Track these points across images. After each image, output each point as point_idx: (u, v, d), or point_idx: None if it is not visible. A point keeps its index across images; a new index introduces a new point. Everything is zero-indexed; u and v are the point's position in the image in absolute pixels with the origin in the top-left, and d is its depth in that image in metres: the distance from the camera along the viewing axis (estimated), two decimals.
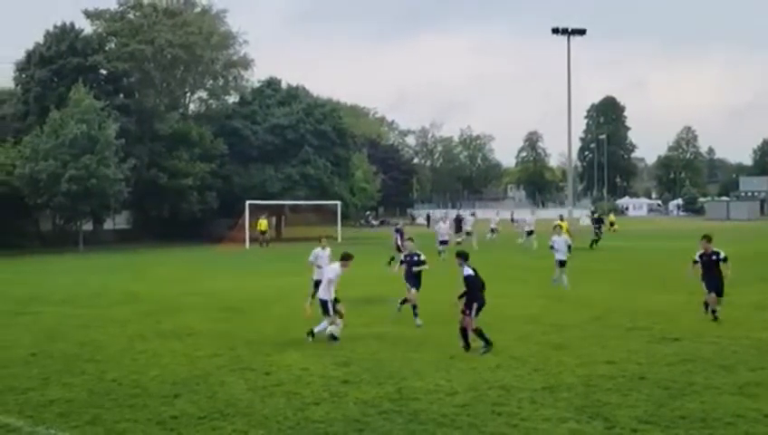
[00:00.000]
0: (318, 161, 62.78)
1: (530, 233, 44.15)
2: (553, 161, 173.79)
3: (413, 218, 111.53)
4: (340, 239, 56.63)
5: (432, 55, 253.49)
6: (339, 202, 60.13)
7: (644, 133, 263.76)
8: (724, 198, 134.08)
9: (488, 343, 13.77)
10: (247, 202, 54.67)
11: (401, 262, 18.30)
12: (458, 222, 47.13)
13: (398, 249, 34.75)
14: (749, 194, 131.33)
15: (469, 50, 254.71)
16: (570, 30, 70.87)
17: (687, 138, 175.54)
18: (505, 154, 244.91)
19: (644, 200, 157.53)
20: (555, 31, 70.89)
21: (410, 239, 19.11)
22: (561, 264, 24.12)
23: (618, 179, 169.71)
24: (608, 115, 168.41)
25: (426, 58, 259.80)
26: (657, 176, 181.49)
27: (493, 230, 51.21)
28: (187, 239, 56.35)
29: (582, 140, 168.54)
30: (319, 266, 18.00)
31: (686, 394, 10.54)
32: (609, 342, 14.47)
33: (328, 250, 18.76)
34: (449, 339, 14.93)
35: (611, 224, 66.62)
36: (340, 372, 12.25)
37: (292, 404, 10.39)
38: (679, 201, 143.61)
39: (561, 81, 72.49)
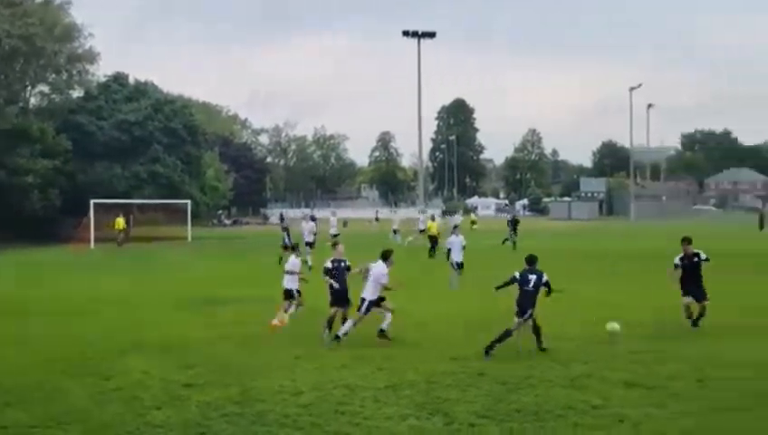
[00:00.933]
0: (167, 159, 61.21)
1: (421, 231, 43.00)
2: (405, 161, 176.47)
3: (266, 218, 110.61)
4: (190, 239, 55.52)
5: (287, 55, 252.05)
6: (189, 201, 58.83)
7: (493, 135, 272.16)
8: (566, 199, 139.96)
9: (338, 337, 14.29)
10: (92, 201, 52.61)
11: (327, 269, 15.59)
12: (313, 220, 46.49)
13: (285, 248, 33.53)
14: (589, 195, 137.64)
15: (324, 50, 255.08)
16: (420, 33, 72.24)
17: (533, 140, 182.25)
18: (359, 154, 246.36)
19: (492, 200, 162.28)
20: (406, 33, 72.14)
21: (336, 242, 17.18)
22: (459, 265, 23.97)
23: (467, 179, 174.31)
24: (458, 117, 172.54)
25: (281, 57, 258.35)
26: (505, 176, 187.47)
27: (395, 231, 50.07)
28: (30, 239, 53.61)
29: (433, 140, 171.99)
30: (290, 273, 17.10)
31: (522, 388, 10.94)
32: (453, 340, 14.82)
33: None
34: (296, 339, 14.93)
35: (472, 223, 68.01)
36: (182, 375, 11.99)
37: (131, 409, 10.09)
38: (525, 201, 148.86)
39: (414, 82, 73.76)
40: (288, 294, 17.01)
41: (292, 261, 17.23)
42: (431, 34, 72.54)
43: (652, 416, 9.56)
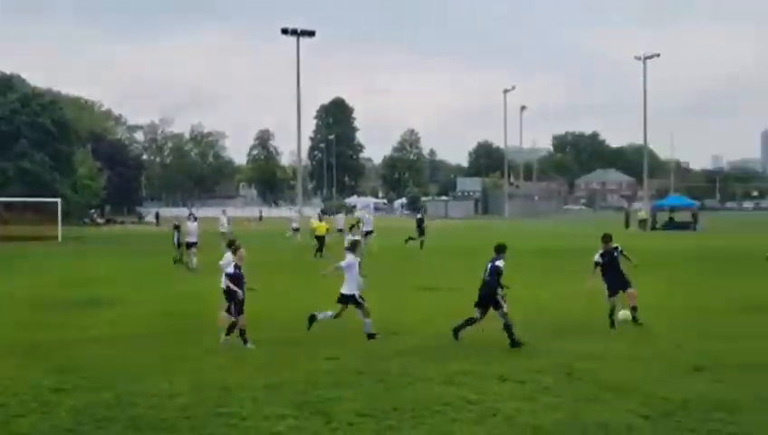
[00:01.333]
0: (36, 156, 58.90)
1: (368, 233, 40.59)
2: (285, 160, 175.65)
3: (140, 217, 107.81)
4: (60, 239, 53.54)
5: (165, 50, 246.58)
6: (59, 200, 56.70)
7: (372, 134, 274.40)
8: (444, 198, 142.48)
9: (246, 341, 13.98)
10: None
11: (230, 275, 14.24)
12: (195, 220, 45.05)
13: (178, 246, 34.40)
14: (465, 194, 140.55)
15: (203, 47, 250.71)
16: (299, 31, 72.00)
17: (411, 139, 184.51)
18: (237, 152, 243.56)
19: (371, 199, 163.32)
20: (285, 31, 71.75)
21: (234, 246, 15.02)
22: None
23: (346, 179, 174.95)
24: (337, 116, 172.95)
25: (159, 53, 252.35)
26: (383, 176, 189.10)
27: (296, 230, 48.71)
28: None
29: (312, 139, 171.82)
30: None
31: (401, 386, 11.11)
32: (332, 339, 14.88)
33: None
34: (173, 339, 14.71)
35: (358, 222, 67.85)
36: (52, 379, 11.57)
37: None
38: (403, 200, 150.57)
39: (293, 81, 73.52)
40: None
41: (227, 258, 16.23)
42: (311, 33, 72.45)
43: (523, 410, 9.88)
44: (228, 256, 15.59)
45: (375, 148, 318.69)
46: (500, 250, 14.89)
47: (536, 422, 9.36)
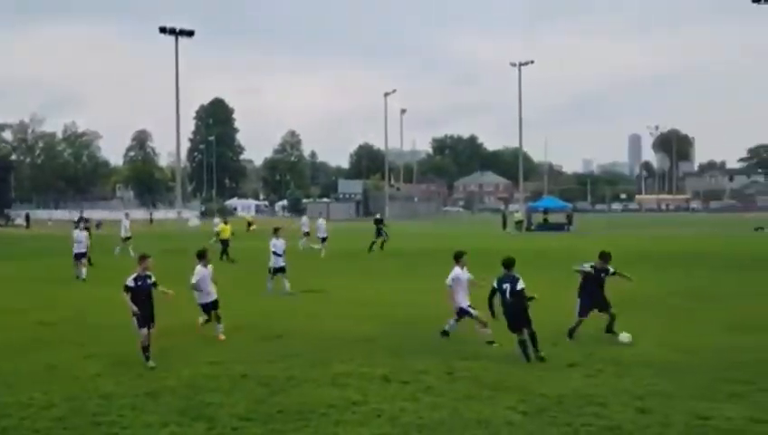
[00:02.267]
0: None
1: (324, 239, 39.04)
2: (163, 161, 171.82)
3: (8, 220, 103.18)
4: None
5: (36, 47, 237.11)
6: None
7: (253, 135, 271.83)
8: (325, 200, 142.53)
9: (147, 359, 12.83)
10: None
11: (128, 288, 12.88)
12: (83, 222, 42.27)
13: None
14: (347, 196, 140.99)
15: (77, 44, 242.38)
16: (178, 30, 70.67)
17: (292, 141, 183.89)
18: (113, 153, 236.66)
19: (252, 201, 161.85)
20: (163, 30, 70.31)
21: (145, 257, 13.49)
22: (281, 270, 22.67)
23: (227, 180, 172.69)
24: (217, 116, 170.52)
25: (29, 50, 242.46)
26: (264, 177, 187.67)
27: (306, 234, 45.31)
28: None
29: (192, 140, 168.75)
30: (199, 290, 15.08)
31: (285, 389, 11.10)
32: (214, 342, 14.72)
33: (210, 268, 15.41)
34: (47, 348, 14.24)
35: (249, 224, 66.87)
36: None
37: None
38: (285, 202, 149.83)
39: (172, 81, 71.98)
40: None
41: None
42: (189, 33, 71.15)
43: (407, 409, 10.04)
44: (199, 268, 15.04)
45: (256, 149, 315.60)
46: (509, 265, 13.72)
47: (419, 421, 9.53)
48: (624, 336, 14.50)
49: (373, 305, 19.92)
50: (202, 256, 15.28)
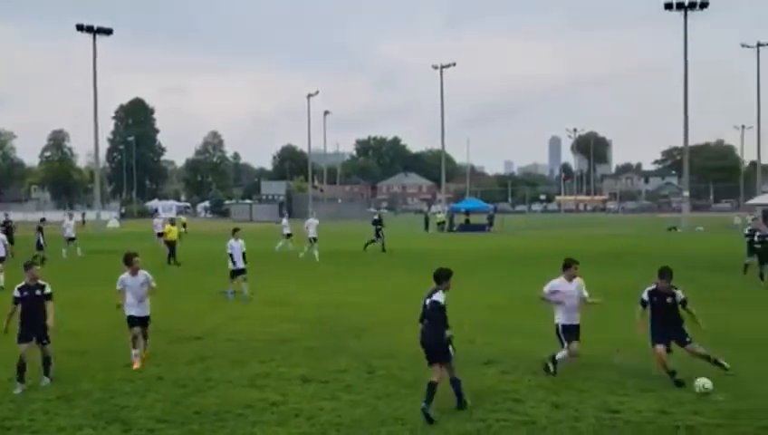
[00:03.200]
0: None
1: (314, 240, 37.06)
2: (81, 162, 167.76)
3: None
4: None
5: None
6: None
7: (173, 136, 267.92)
8: (248, 201, 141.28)
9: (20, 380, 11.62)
10: None
11: (16, 299, 11.57)
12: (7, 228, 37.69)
13: (40, 248, 34.97)
14: (269, 197, 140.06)
15: None
16: (95, 28, 69.33)
17: (214, 142, 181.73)
18: (28, 153, 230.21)
19: (173, 202, 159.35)
20: (80, 28, 68.91)
21: (35, 263, 13.01)
22: (240, 272, 21.55)
23: (147, 181, 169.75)
24: (137, 117, 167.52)
25: None
26: (186, 178, 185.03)
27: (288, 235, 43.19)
28: None
29: (111, 141, 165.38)
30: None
31: (202, 390, 11.03)
32: (127, 345, 14.45)
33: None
34: None
35: (183, 225, 65.59)
36: None
37: None
38: (207, 203, 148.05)
39: (89, 80, 70.65)
40: None
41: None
42: (108, 31, 69.89)
43: (326, 408, 10.09)
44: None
45: (177, 150, 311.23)
46: (441, 278, 11.04)
47: (338, 420, 9.59)
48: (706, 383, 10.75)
49: (295, 306, 19.90)
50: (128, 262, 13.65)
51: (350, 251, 40.50)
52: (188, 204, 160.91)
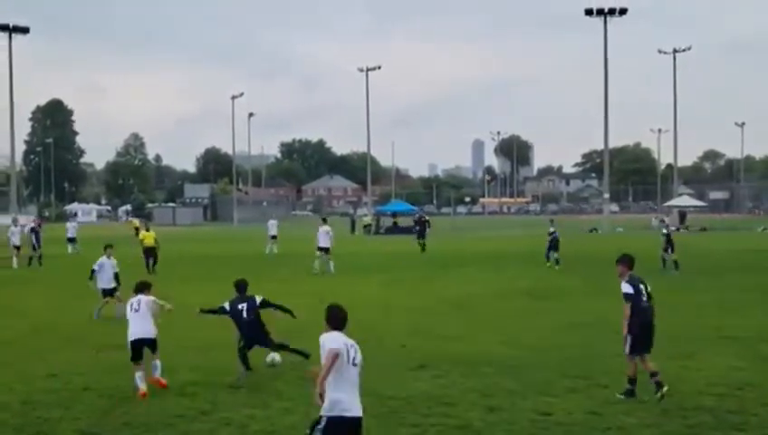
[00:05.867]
0: None
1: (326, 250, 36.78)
2: None
3: None
4: None
5: None
6: None
7: (93, 138, 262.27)
8: (171, 204, 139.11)
9: None
10: None
11: None
12: None
13: (34, 248, 35.47)
14: (193, 200, 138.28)
15: None
16: (11, 27, 67.52)
17: (136, 144, 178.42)
18: None
19: (93, 206, 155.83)
20: None
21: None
22: (112, 292, 19.46)
23: (66, 184, 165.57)
24: (55, 118, 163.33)
25: None
26: (107, 181, 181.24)
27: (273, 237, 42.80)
28: None
29: (28, 143, 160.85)
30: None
31: (131, 400, 10.75)
32: (48, 355, 14.04)
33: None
34: None
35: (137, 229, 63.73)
36: None
37: None
38: (128, 207, 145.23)
39: (4, 79, 68.66)
40: None
41: None
42: (24, 30, 67.95)
43: (257, 416, 9.94)
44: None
45: (97, 152, 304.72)
46: (240, 287, 13.13)
47: (270, 428, 9.47)
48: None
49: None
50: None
51: (287, 253, 40.19)
52: (109, 207, 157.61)
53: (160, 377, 11.50)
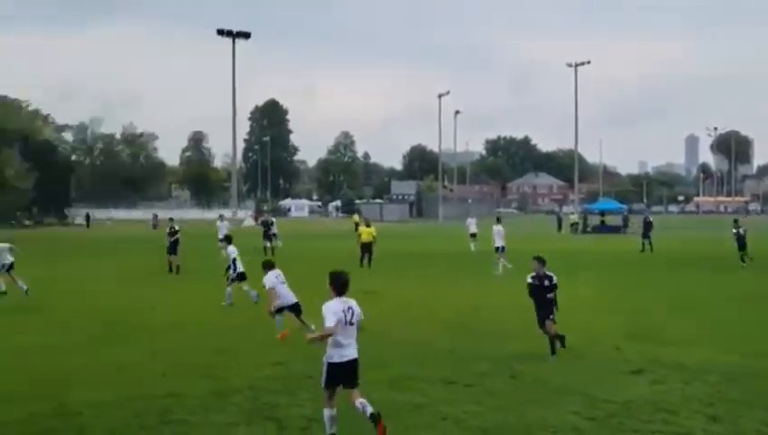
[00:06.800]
0: None
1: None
2: (218, 162, 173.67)
3: (69, 219, 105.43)
4: None
5: (96, 49, 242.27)
6: None
7: (306, 136, 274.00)
8: (378, 201, 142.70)
9: None
10: None
11: None
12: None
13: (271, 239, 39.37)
14: (399, 197, 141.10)
15: (135, 47, 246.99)
16: (235, 32, 71.53)
17: (346, 142, 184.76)
18: (170, 153, 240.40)
19: (305, 202, 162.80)
20: (220, 32, 71.30)
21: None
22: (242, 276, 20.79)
23: (281, 181, 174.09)
24: (271, 118, 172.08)
25: (89, 52, 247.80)
26: (318, 178, 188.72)
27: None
28: None
29: (247, 141, 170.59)
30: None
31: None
32: (276, 343, 14.81)
33: None
34: (112, 348, 14.53)
35: (357, 225, 66.73)
36: None
37: None
38: (338, 203, 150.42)
39: (227, 82, 73.06)
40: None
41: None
42: (246, 35, 72.00)
43: (471, 412, 10.03)
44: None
45: (309, 150, 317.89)
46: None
47: (484, 425, 9.52)
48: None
49: (431, 308, 19.91)
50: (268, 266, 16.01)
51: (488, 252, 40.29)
52: (320, 203, 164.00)
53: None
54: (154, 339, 15.48)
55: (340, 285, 8.92)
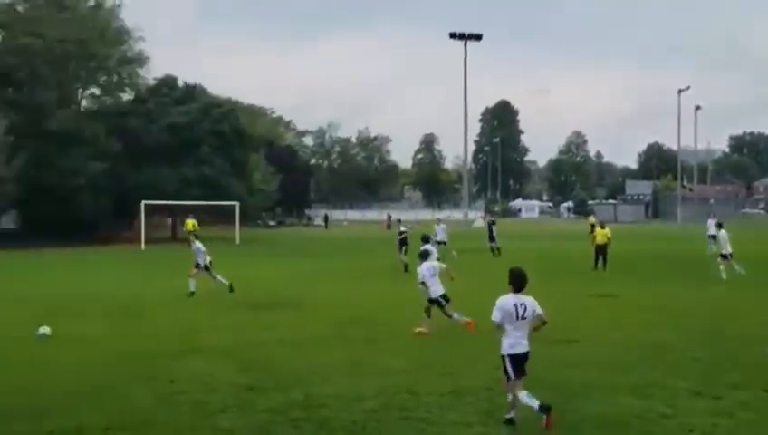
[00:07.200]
0: (215, 162, 61.52)
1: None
2: (449, 163, 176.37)
3: (309, 220, 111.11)
4: (238, 241, 55.95)
5: (333, 57, 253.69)
6: (237, 203, 58.95)
7: (537, 137, 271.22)
8: (612, 201, 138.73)
9: None
10: (143, 202, 53.41)
11: None
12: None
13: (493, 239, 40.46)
14: (634, 197, 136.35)
15: (367, 52, 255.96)
16: (467, 35, 72.18)
17: (577, 142, 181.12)
18: (402, 155, 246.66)
19: (536, 202, 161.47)
20: (453, 36, 72.20)
21: None
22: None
23: (511, 182, 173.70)
24: (502, 119, 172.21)
25: (325, 58, 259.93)
26: (549, 178, 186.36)
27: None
28: (79, 241, 54.17)
29: (477, 142, 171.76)
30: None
31: (579, 396, 10.80)
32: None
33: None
34: (352, 344, 15.01)
35: (593, 227, 66.78)
36: (245, 378, 12.06)
37: (198, 413, 10.19)
38: (570, 204, 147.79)
39: (457, 84, 73.89)
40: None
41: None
42: (478, 36, 72.38)
43: (721, 425, 9.44)
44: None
45: (540, 150, 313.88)
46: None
47: None
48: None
49: (672, 312, 19.01)
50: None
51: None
52: (551, 204, 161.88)
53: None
54: (385, 338, 15.79)
55: (517, 281, 9.47)
